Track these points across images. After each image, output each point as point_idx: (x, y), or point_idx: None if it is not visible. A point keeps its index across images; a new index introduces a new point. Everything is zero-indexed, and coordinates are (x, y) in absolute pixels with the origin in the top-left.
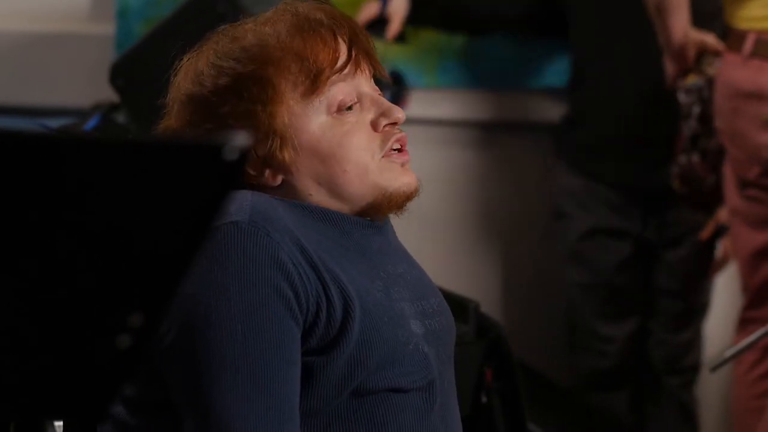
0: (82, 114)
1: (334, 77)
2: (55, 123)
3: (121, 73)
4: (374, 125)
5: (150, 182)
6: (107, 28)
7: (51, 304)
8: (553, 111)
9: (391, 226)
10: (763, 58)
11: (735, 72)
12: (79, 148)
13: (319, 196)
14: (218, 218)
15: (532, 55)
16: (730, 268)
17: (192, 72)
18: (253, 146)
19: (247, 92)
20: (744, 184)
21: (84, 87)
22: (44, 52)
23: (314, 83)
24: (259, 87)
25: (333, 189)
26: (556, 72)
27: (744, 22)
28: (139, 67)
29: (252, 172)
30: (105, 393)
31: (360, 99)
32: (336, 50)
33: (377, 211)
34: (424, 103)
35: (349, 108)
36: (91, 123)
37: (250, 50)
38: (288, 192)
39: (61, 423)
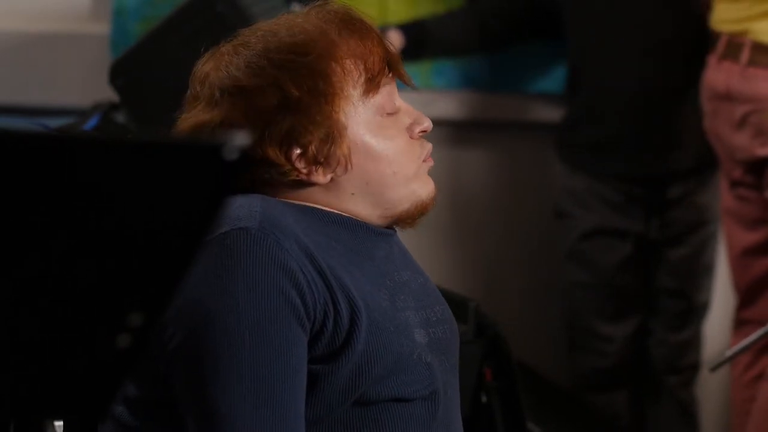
0: (81, 114)
1: (385, 79)
2: (54, 123)
3: (121, 73)
4: (410, 131)
5: (150, 181)
6: (106, 28)
7: (51, 304)
8: (550, 111)
9: (396, 234)
10: (732, 60)
11: (712, 73)
12: (79, 147)
13: (360, 197)
14: (218, 218)
15: (528, 59)
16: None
17: (235, 64)
18: (307, 142)
19: (310, 84)
20: (733, 184)
21: (83, 87)
22: (43, 52)
23: (370, 83)
24: (324, 81)
25: (378, 190)
26: (554, 77)
27: (717, 24)
28: (139, 67)
29: (303, 170)
30: (105, 392)
31: (399, 104)
32: (385, 53)
33: (406, 218)
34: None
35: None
36: (90, 123)
37: (310, 44)
38: (330, 191)
39: (61, 423)
